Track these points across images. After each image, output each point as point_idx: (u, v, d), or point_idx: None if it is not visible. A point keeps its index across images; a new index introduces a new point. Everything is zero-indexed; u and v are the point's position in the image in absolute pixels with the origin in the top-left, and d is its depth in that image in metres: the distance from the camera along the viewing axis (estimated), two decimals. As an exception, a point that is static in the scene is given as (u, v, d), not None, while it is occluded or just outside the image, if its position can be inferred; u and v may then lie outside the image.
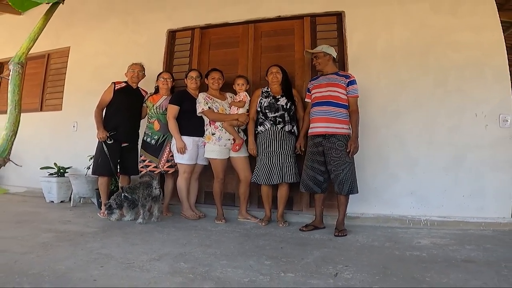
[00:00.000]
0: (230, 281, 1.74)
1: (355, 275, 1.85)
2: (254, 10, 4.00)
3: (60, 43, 4.98)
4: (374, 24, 3.59)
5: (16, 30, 5.48)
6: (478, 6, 3.36)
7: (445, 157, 3.29)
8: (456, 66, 3.34)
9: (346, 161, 2.90)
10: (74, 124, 4.70)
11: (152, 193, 3.18)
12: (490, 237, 2.77)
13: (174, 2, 4.36)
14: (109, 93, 3.56)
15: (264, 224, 3.20)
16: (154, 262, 2.00)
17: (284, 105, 3.28)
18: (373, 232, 2.95)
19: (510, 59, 3.51)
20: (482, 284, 1.71)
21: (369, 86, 3.43)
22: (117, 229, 2.87)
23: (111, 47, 4.63)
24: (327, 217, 3.17)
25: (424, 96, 3.40)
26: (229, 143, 3.37)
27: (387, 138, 3.44)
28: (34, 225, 2.95)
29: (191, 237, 2.66)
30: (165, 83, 3.63)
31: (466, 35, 3.34)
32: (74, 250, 2.20)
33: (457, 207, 3.19)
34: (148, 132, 3.60)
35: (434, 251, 2.37)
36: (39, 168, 4.33)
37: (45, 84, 5.11)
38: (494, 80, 3.26)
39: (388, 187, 3.40)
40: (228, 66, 3.89)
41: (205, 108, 3.35)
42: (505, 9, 4.50)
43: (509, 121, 3.21)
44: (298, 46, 3.82)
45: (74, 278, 1.70)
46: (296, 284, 1.71)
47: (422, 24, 3.47)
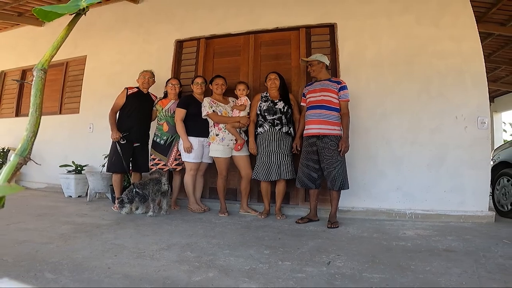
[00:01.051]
0: (232, 268, 1.73)
1: (346, 263, 1.85)
2: (255, 22, 3.99)
3: (77, 52, 4.97)
4: (364, 35, 3.59)
5: (37, 41, 5.49)
6: (458, 19, 3.36)
7: (428, 156, 3.29)
8: (439, 73, 3.34)
9: (338, 160, 2.90)
10: (90, 126, 4.70)
11: (161, 188, 3.18)
12: (469, 229, 2.78)
13: (182, 15, 4.36)
14: (122, 97, 3.56)
15: (264, 217, 3.20)
16: (163, 252, 2.00)
17: (281, 108, 3.27)
18: (362, 224, 2.95)
19: (487, 67, 3.51)
20: (462, 272, 1.71)
21: (359, 91, 3.43)
22: (129, 221, 2.88)
23: (124, 55, 4.62)
24: (321, 211, 3.17)
25: (409, 100, 3.39)
26: (232, 143, 3.36)
27: (375, 138, 3.44)
28: (54, 218, 2.95)
29: (197, 229, 2.66)
30: (173, 89, 3.63)
31: (447, 45, 3.34)
32: (90, 241, 2.20)
33: (439, 201, 3.19)
34: (158, 133, 3.60)
35: (418, 241, 2.37)
36: (59, 166, 4.34)
37: (64, 90, 5.11)
38: (472, 86, 3.26)
39: (376, 183, 3.39)
40: (231, 73, 3.89)
41: (210, 111, 3.35)
42: (482, 21, 4.51)
43: (486, 123, 3.21)
44: (294, 55, 3.82)
45: (90, 266, 1.70)
46: (293, 271, 1.71)
47: (407, 35, 3.46)
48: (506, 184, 3.54)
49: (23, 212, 3.11)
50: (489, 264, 1.84)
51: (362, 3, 3.63)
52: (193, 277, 1.60)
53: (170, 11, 4.43)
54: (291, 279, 1.60)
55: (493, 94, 8.50)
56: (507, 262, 1.87)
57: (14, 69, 5.73)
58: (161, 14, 4.51)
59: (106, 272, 1.63)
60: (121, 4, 4.70)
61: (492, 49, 5.85)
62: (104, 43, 4.79)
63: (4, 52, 5.88)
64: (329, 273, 1.69)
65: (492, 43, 5.56)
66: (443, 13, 3.40)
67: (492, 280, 1.59)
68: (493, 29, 4.88)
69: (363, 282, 1.57)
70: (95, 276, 1.58)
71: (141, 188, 3.14)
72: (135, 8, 4.71)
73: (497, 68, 6.75)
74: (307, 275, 1.66)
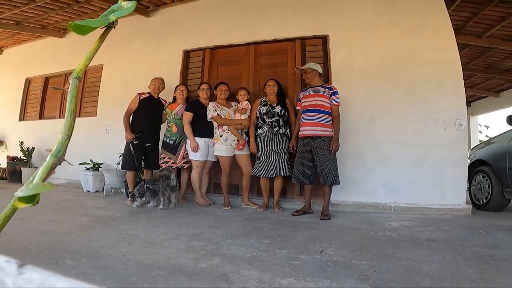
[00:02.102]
0: (234, 256, 1.74)
1: (337, 251, 1.85)
2: (255, 34, 3.99)
3: (95, 61, 4.82)
4: (353, 46, 3.58)
5: (58, 51, 5.50)
6: (439, 31, 3.36)
7: (411, 155, 3.29)
8: (421, 80, 3.33)
9: (329, 158, 2.90)
10: (107, 128, 4.70)
11: (170, 184, 3.19)
12: (448, 221, 2.77)
13: (189, 27, 4.36)
14: (135, 102, 3.56)
15: (263, 210, 3.20)
16: (172, 241, 2.00)
17: (279, 112, 3.27)
18: (352, 216, 2.94)
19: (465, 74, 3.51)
20: (441, 259, 1.71)
21: (349, 96, 3.43)
22: (142, 214, 2.88)
23: (137, 64, 4.62)
24: (314, 204, 3.17)
25: (395, 104, 3.39)
26: (234, 143, 3.36)
27: (364, 139, 3.43)
28: (74, 210, 2.95)
29: (203, 221, 2.66)
30: (181, 94, 3.63)
31: (429, 55, 3.34)
32: (107, 231, 2.20)
33: (421, 196, 3.19)
34: (167, 134, 3.60)
35: (402, 232, 2.37)
36: (78, 163, 4.33)
37: (83, 95, 5.11)
38: (452, 92, 3.26)
39: (364, 179, 3.39)
40: (233, 80, 3.89)
41: (214, 114, 3.35)
42: (460, 33, 4.52)
43: (463, 125, 3.21)
44: (290, 64, 3.82)
45: (107, 254, 1.70)
46: (289, 259, 1.71)
47: (393, 45, 3.46)
48: (482, 180, 3.54)
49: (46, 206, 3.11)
50: (466, 252, 1.84)
51: (352, 17, 3.63)
52: (199, 264, 1.60)
53: (179, 24, 4.43)
54: (287, 266, 1.60)
55: (470, 99, 8.51)
56: (482, 250, 1.87)
57: (38, 76, 5.74)
58: (171, 27, 4.51)
59: (121, 259, 1.64)
60: (134, 18, 4.70)
61: (469, 58, 5.85)
62: (119, 53, 4.79)
63: (28, 61, 5.88)
64: (322, 260, 1.69)
65: (469, 53, 5.57)
66: (425, 26, 3.40)
67: (469, 267, 1.59)
68: (470, 40, 4.90)
69: (353, 268, 1.57)
70: (111, 263, 1.58)
71: (151, 184, 3.14)
72: (147, 22, 4.71)
73: (473, 76, 6.75)
74: (302, 262, 1.66)
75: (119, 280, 1.38)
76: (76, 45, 5.32)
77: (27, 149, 5.11)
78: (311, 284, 1.38)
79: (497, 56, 5.70)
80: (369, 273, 1.50)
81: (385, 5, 3.54)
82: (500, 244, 2.01)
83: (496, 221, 2.78)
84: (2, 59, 6.41)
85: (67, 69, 5.32)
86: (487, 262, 1.67)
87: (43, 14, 4.81)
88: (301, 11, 3.83)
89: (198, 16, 4.35)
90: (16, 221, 2.39)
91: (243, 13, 4.11)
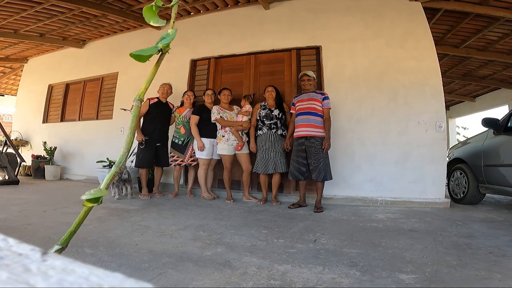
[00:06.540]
0: (237, 245, 1.73)
1: (329, 240, 1.85)
2: (255, 45, 3.99)
3: (111, 69, 4.97)
4: (343, 55, 3.58)
5: (78, 60, 5.49)
6: (420, 42, 3.35)
7: (396, 153, 3.29)
8: (404, 86, 3.33)
9: (322, 156, 2.90)
10: (121, 129, 4.69)
11: (122, 177, 3.27)
12: (429, 213, 2.77)
13: (196, 39, 4.35)
14: (145, 106, 3.54)
15: (262, 203, 3.19)
16: (181, 231, 2.00)
17: (277, 115, 3.27)
18: (342, 209, 2.94)
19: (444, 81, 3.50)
20: (423, 248, 1.71)
21: (339, 100, 3.43)
22: (153, 207, 2.87)
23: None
24: (309, 198, 3.17)
25: (380, 108, 3.39)
26: (235, 143, 3.35)
27: (353, 139, 3.43)
28: (92, 204, 2.94)
29: (208, 213, 2.66)
30: (189, 99, 3.63)
31: (411, 64, 3.33)
32: (121, 223, 2.20)
33: (405, 190, 3.19)
34: (176, 135, 3.60)
35: (388, 223, 2.37)
36: (96, 161, 4.33)
37: (100, 99, 5.10)
38: (431, 97, 3.26)
39: (353, 176, 3.39)
40: (235, 86, 3.88)
41: (218, 117, 3.35)
42: (440, 44, 4.51)
43: (443, 127, 3.21)
44: (287, 71, 3.81)
45: (122, 243, 1.70)
46: (286, 247, 1.71)
47: (378, 55, 3.46)
48: (459, 176, 3.53)
49: (67, 199, 3.12)
50: (445, 241, 1.84)
51: (342, 30, 3.62)
52: (204, 252, 1.60)
53: (186, 36, 4.42)
54: (284, 254, 1.60)
55: (449, 103, 8.51)
56: (460, 240, 1.87)
57: (59, 83, 5.72)
58: (179, 38, 4.47)
59: (134, 248, 1.63)
60: (145, 31, 4.70)
61: (448, 66, 5.85)
62: (132, 62, 4.61)
63: (51, 69, 5.87)
64: (315, 248, 1.69)
65: (448, 62, 5.56)
66: (407, 37, 3.39)
67: (448, 254, 1.59)
68: (449, 50, 4.89)
69: (343, 256, 1.57)
70: (125, 251, 1.58)
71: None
72: (158, 34, 4.68)
73: (452, 82, 6.76)
74: (297, 250, 1.66)
75: (132, 266, 1.38)
76: (94, 55, 5.32)
77: (50, 149, 5.11)
78: (305, 270, 1.38)
79: (473, 64, 5.70)
80: (358, 260, 1.50)
81: (372, 19, 3.54)
82: (475, 234, 2.01)
83: (472, 213, 2.78)
84: (28, 67, 6.41)
85: (85, 76, 5.32)
86: (464, 250, 1.67)
87: (64, 27, 4.80)
88: (296, 24, 3.83)
89: (204, 29, 4.34)
90: (40, 213, 2.39)
91: (244, 26, 4.10)
